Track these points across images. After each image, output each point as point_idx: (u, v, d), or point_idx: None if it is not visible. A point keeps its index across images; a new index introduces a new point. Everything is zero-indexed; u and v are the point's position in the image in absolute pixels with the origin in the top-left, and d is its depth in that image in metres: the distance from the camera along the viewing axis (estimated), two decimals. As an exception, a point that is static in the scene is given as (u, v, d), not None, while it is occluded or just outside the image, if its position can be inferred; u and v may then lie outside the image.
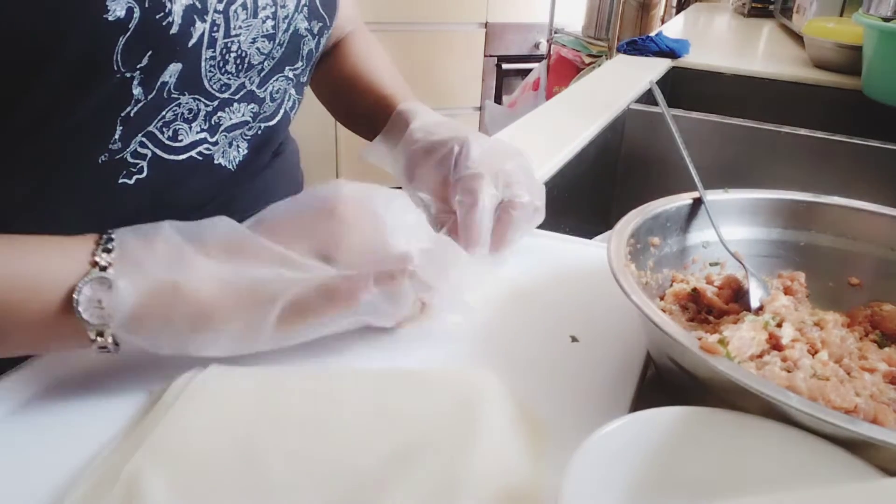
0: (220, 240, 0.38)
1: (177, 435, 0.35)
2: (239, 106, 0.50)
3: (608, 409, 0.39)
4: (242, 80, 0.48)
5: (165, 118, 0.45)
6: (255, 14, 0.46)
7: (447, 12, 2.66)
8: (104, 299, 0.35)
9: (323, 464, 0.34)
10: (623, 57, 1.38)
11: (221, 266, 0.37)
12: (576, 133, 0.88)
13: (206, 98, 0.46)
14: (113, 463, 0.34)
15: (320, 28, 0.54)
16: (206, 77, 0.45)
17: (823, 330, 0.44)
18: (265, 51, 0.48)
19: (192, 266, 0.37)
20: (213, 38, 0.43)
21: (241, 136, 0.52)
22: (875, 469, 0.31)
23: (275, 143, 0.57)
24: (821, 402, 0.35)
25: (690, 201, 0.52)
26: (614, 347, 0.45)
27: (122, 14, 0.37)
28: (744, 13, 2.05)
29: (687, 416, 0.34)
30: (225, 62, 0.45)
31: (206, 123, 0.48)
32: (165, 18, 0.39)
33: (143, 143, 0.44)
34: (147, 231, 0.38)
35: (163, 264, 0.36)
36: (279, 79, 0.53)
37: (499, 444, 0.35)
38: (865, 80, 1.12)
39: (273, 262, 0.38)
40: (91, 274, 0.35)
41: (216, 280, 0.37)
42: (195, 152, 0.48)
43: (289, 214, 0.40)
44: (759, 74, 1.29)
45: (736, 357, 0.39)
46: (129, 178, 0.45)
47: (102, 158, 0.43)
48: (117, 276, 0.35)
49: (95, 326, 0.36)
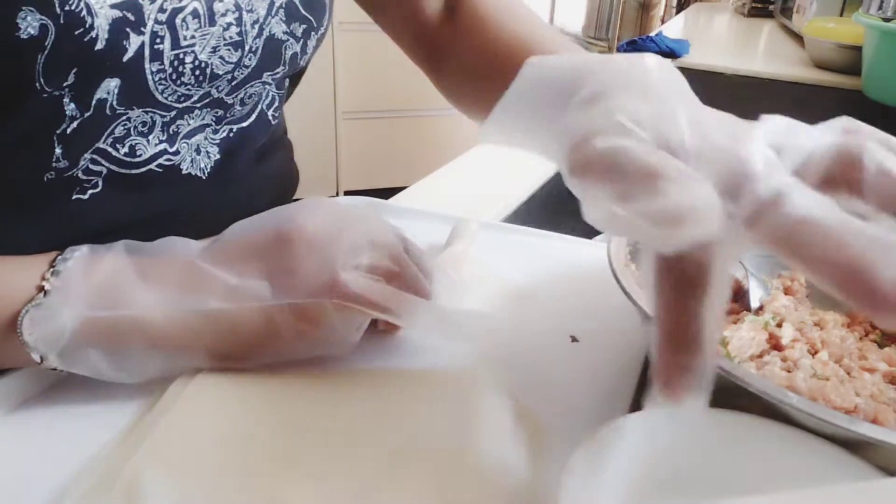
0: (169, 266, 0.39)
1: (177, 435, 0.35)
2: (200, 112, 0.47)
3: (608, 409, 0.39)
4: (207, 90, 0.46)
5: (115, 133, 0.43)
6: (210, 22, 0.43)
7: (447, 12, 2.65)
8: (45, 326, 0.36)
9: (322, 465, 0.34)
10: (623, 57, 1.38)
11: (167, 295, 0.38)
12: (576, 133, 0.88)
13: (162, 109, 0.44)
14: (113, 463, 0.34)
15: (305, 30, 0.50)
16: (157, 90, 0.42)
17: (823, 330, 0.44)
18: (231, 59, 0.45)
19: (137, 295, 0.37)
20: (158, 51, 0.41)
21: (207, 140, 0.49)
22: (875, 469, 0.31)
23: (251, 146, 0.54)
24: (821, 402, 0.35)
25: (690, 201, 0.52)
26: (614, 347, 0.45)
27: (35, 32, 0.35)
28: (744, 13, 2.05)
29: (687, 416, 0.34)
30: (179, 74, 0.43)
31: (164, 134, 0.46)
32: (87, 34, 0.37)
33: (95, 159, 0.43)
34: (97, 254, 0.38)
35: (108, 292, 0.37)
36: (254, 85, 0.50)
37: (498, 443, 0.35)
38: (865, 80, 1.12)
39: (220, 291, 0.38)
40: (36, 299, 0.36)
41: (159, 310, 0.37)
42: (155, 164, 0.46)
43: (245, 237, 0.40)
44: (759, 74, 1.29)
45: (736, 357, 0.39)
46: (82, 194, 0.44)
47: (49, 176, 0.42)
48: (59, 304, 0.36)
49: (39, 351, 0.36)
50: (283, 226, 0.39)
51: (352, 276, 0.38)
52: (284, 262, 0.38)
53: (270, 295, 0.38)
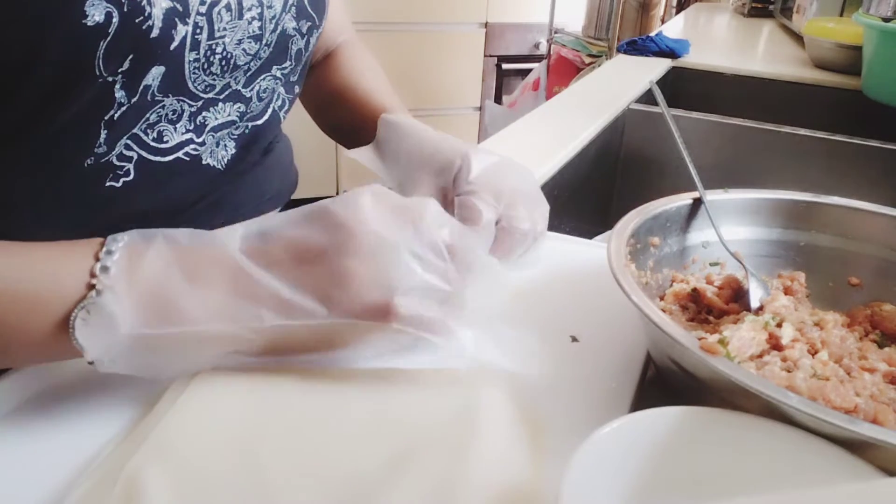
0: (215, 266, 0.37)
1: (177, 435, 0.35)
2: (224, 106, 0.50)
3: (608, 409, 0.39)
4: (227, 81, 0.48)
5: (149, 120, 0.45)
6: (240, 15, 0.46)
7: (447, 12, 2.66)
8: (98, 329, 0.35)
9: (323, 465, 0.34)
10: (623, 57, 1.38)
11: (218, 301, 0.36)
12: (576, 133, 0.88)
13: (190, 99, 0.46)
14: (113, 463, 0.34)
15: (309, 27, 0.54)
16: (190, 79, 0.45)
17: (823, 330, 0.44)
18: (251, 51, 0.48)
19: (188, 303, 0.36)
20: (197, 41, 0.43)
21: (227, 135, 0.52)
22: (875, 469, 0.31)
23: (264, 141, 0.57)
24: (821, 402, 0.35)
25: (690, 201, 0.52)
26: (614, 347, 0.45)
27: (100, 19, 0.37)
28: (744, 13, 2.05)
29: (687, 416, 0.34)
30: (209, 64, 0.45)
31: (190, 124, 0.48)
32: (145, 22, 0.39)
33: (128, 145, 0.44)
34: (139, 248, 0.37)
35: (159, 302, 0.36)
36: (266, 78, 0.53)
37: (499, 444, 0.35)
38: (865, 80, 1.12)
39: (272, 304, 0.36)
40: (88, 298, 0.35)
41: (214, 324, 0.36)
42: (182, 153, 0.48)
43: (293, 237, 0.38)
44: (759, 74, 1.29)
45: (736, 357, 0.39)
46: (115, 182, 0.45)
47: (88, 162, 0.43)
48: (111, 304, 0.35)
49: (92, 354, 0.35)
50: (333, 226, 0.37)
51: (407, 302, 0.37)
52: (336, 268, 0.36)
53: (325, 313, 0.36)
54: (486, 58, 2.81)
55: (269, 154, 0.60)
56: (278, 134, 0.63)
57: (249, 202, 0.57)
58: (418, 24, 2.62)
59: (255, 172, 0.58)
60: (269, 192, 0.60)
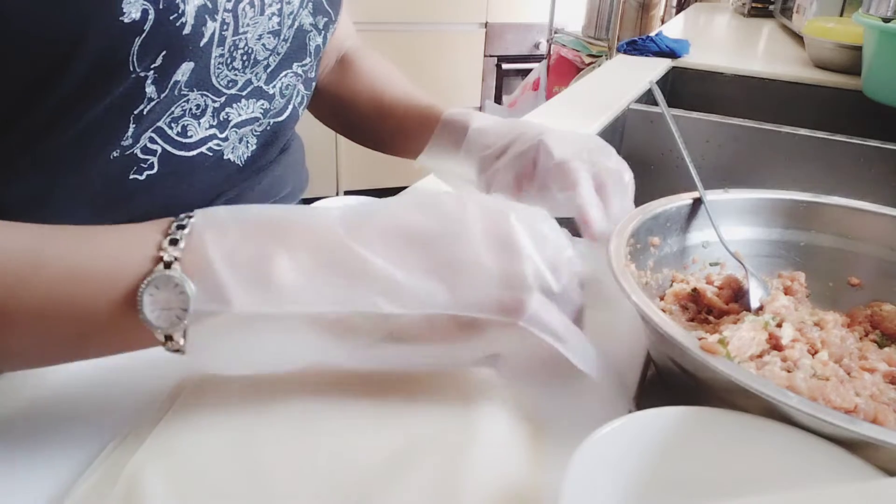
0: (312, 238, 0.33)
1: (177, 434, 0.35)
2: (247, 102, 0.50)
3: (608, 409, 0.39)
4: (249, 76, 0.49)
5: (174, 114, 0.45)
6: (261, 11, 0.47)
7: (447, 12, 2.66)
8: (170, 300, 0.31)
9: (323, 464, 0.34)
10: (623, 57, 1.38)
11: (320, 279, 0.32)
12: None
13: (214, 94, 0.47)
14: (113, 462, 0.34)
15: (326, 23, 0.55)
16: (214, 74, 0.46)
17: (823, 330, 0.44)
18: (270, 46, 0.49)
19: (286, 276, 0.32)
20: (223, 37, 0.44)
21: (251, 132, 0.53)
22: (875, 469, 0.31)
23: (283, 138, 0.58)
24: (821, 402, 0.35)
25: (690, 201, 0.52)
26: (614, 347, 0.45)
27: (137, 16, 0.38)
28: (744, 13, 2.05)
29: (687, 416, 0.34)
30: (232, 59, 0.46)
31: (214, 119, 0.48)
32: (179, 19, 0.40)
33: (153, 138, 0.45)
34: (224, 220, 0.33)
35: (250, 272, 0.32)
36: (288, 75, 0.53)
37: (499, 444, 0.35)
38: (865, 80, 1.12)
39: (384, 287, 0.33)
40: (155, 272, 0.32)
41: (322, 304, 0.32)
42: (205, 148, 0.49)
43: (397, 217, 0.35)
44: (759, 74, 1.29)
45: (736, 357, 0.39)
46: (139, 174, 0.45)
47: (114, 154, 0.43)
48: (184, 277, 0.31)
49: (163, 329, 0.32)
50: (451, 213, 0.35)
51: (542, 302, 0.34)
52: (456, 255, 0.34)
53: (446, 302, 0.33)
54: (486, 58, 2.81)
55: (285, 152, 0.61)
56: (293, 133, 0.64)
57: (265, 200, 0.57)
58: (418, 24, 2.63)
59: (272, 170, 0.58)
60: (283, 191, 0.61)
